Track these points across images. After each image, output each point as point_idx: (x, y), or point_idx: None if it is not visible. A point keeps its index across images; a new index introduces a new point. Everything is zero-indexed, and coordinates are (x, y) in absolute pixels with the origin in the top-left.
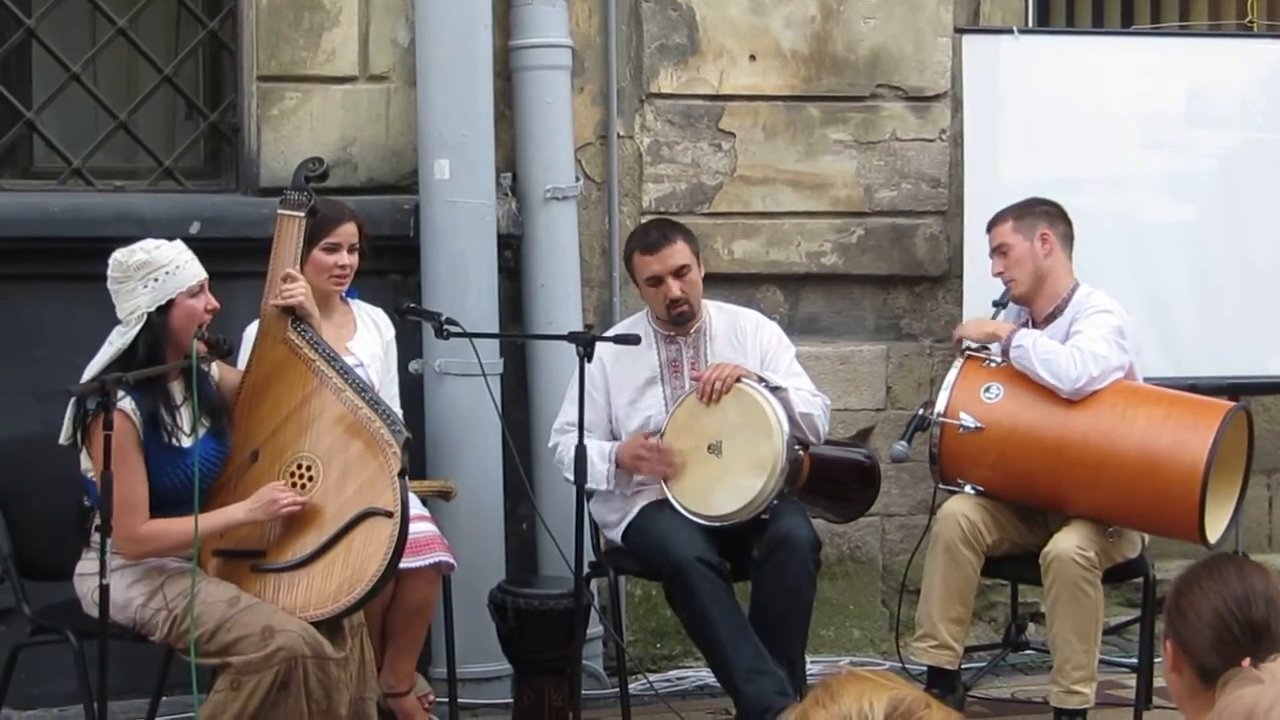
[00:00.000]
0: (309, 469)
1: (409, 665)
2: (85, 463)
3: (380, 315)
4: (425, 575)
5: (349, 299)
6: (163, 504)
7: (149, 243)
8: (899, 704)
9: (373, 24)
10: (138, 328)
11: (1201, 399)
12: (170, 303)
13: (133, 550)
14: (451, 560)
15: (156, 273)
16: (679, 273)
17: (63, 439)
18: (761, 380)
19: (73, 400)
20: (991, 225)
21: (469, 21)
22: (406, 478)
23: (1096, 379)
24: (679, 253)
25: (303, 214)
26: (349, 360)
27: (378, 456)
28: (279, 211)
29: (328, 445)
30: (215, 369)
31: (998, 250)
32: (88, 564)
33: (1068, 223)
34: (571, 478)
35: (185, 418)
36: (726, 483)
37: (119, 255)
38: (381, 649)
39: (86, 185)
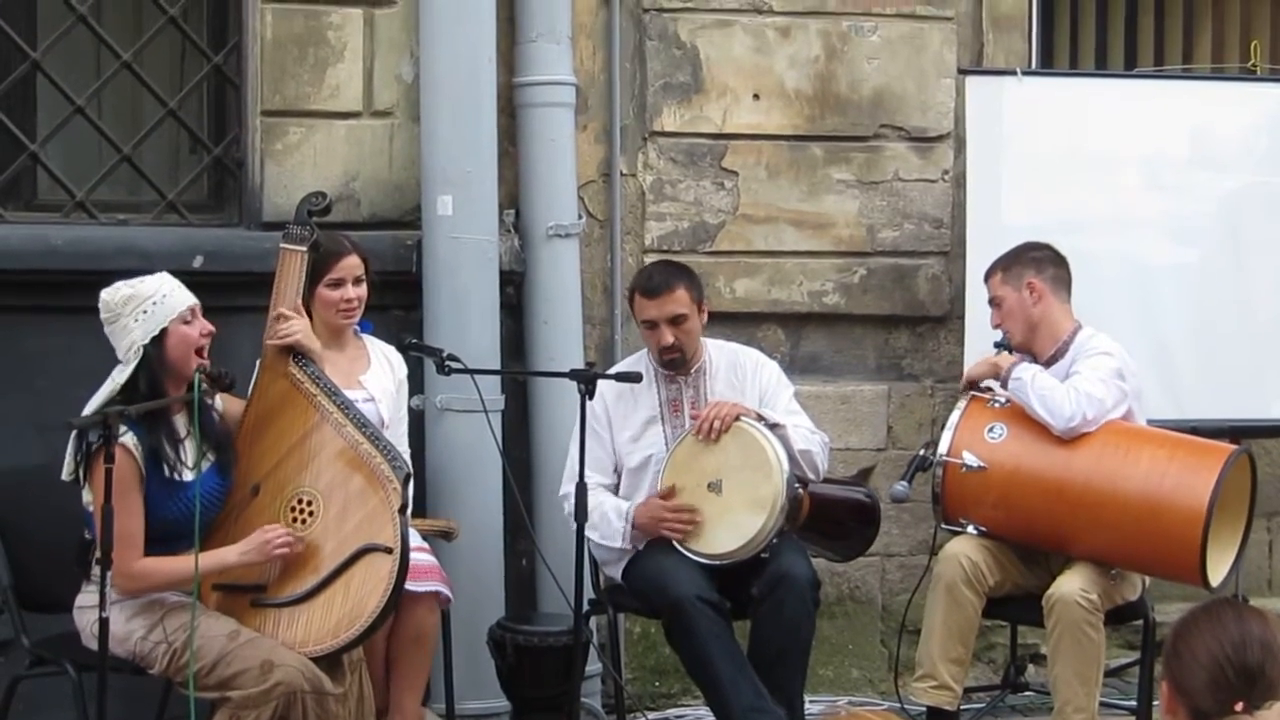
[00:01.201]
0: (309, 504)
1: (413, 702)
2: (86, 496)
3: (393, 353)
4: (424, 602)
5: (362, 334)
6: (163, 537)
7: (133, 279)
8: None
9: (377, 60)
10: (135, 362)
11: (1204, 442)
12: (164, 332)
13: (125, 586)
14: (448, 593)
15: (145, 304)
16: (674, 320)
17: (65, 474)
18: (760, 419)
19: (74, 434)
20: (986, 277)
21: (473, 58)
22: (407, 513)
23: (1090, 421)
24: (677, 300)
25: (305, 248)
26: (362, 394)
27: (378, 492)
28: (281, 245)
29: (328, 480)
30: (219, 401)
31: (992, 302)
32: (87, 597)
33: (1058, 265)
34: (586, 531)
35: (189, 451)
36: (726, 521)
37: (105, 295)
38: (386, 683)
39: (90, 218)
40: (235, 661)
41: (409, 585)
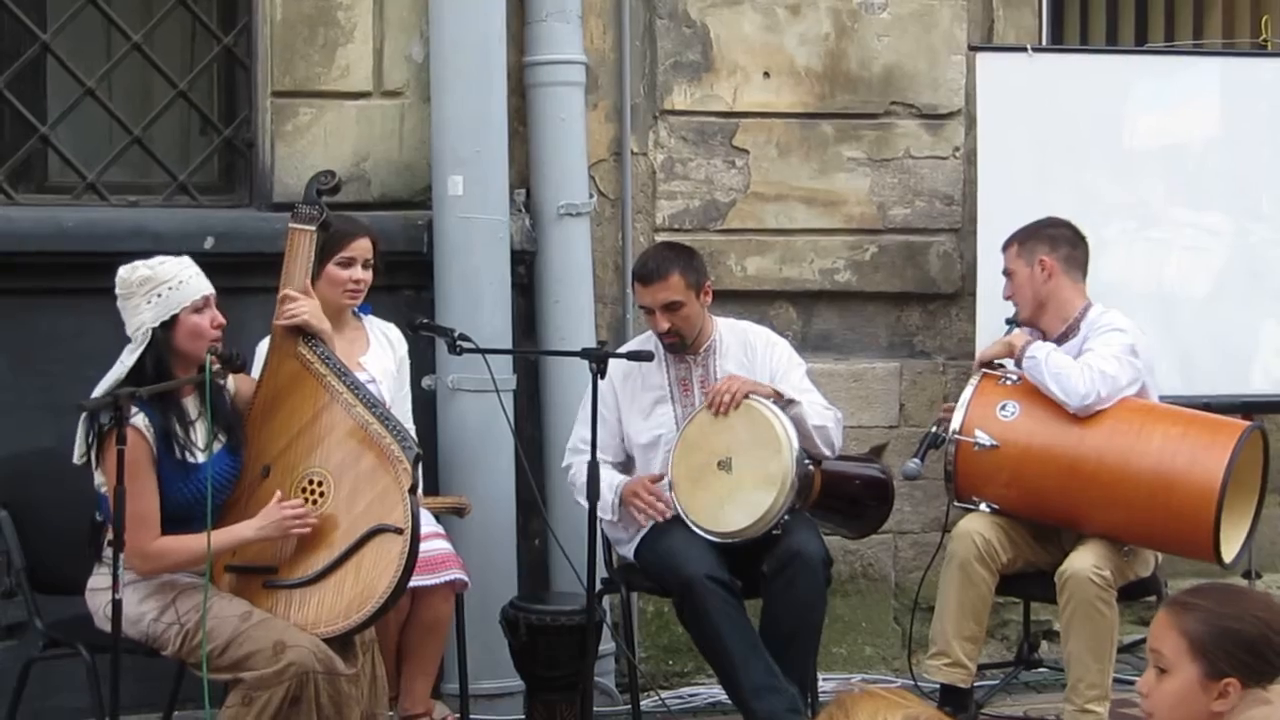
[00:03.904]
0: (320, 485)
1: (425, 688)
2: (98, 478)
3: (393, 331)
4: (440, 593)
5: (362, 315)
6: (175, 519)
7: (154, 259)
8: (914, 719)
9: (387, 40)
10: (143, 344)
11: (1218, 418)
12: (174, 319)
13: (144, 566)
14: (466, 578)
15: (159, 288)
16: (669, 307)
17: (76, 457)
18: (777, 395)
19: (84, 416)
20: (1004, 247)
21: (483, 38)
22: (418, 493)
23: (1105, 399)
24: (670, 288)
25: (314, 228)
26: (362, 376)
27: (389, 472)
28: (290, 225)
29: (339, 461)
30: (231, 382)
31: (1006, 273)
32: (99, 579)
33: (1074, 244)
34: (583, 501)
35: (199, 433)
36: (737, 499)
37: (123, 271)
38: (398, 672)
39: (101, 200)
40: (247, 643)
41: (425, 579)
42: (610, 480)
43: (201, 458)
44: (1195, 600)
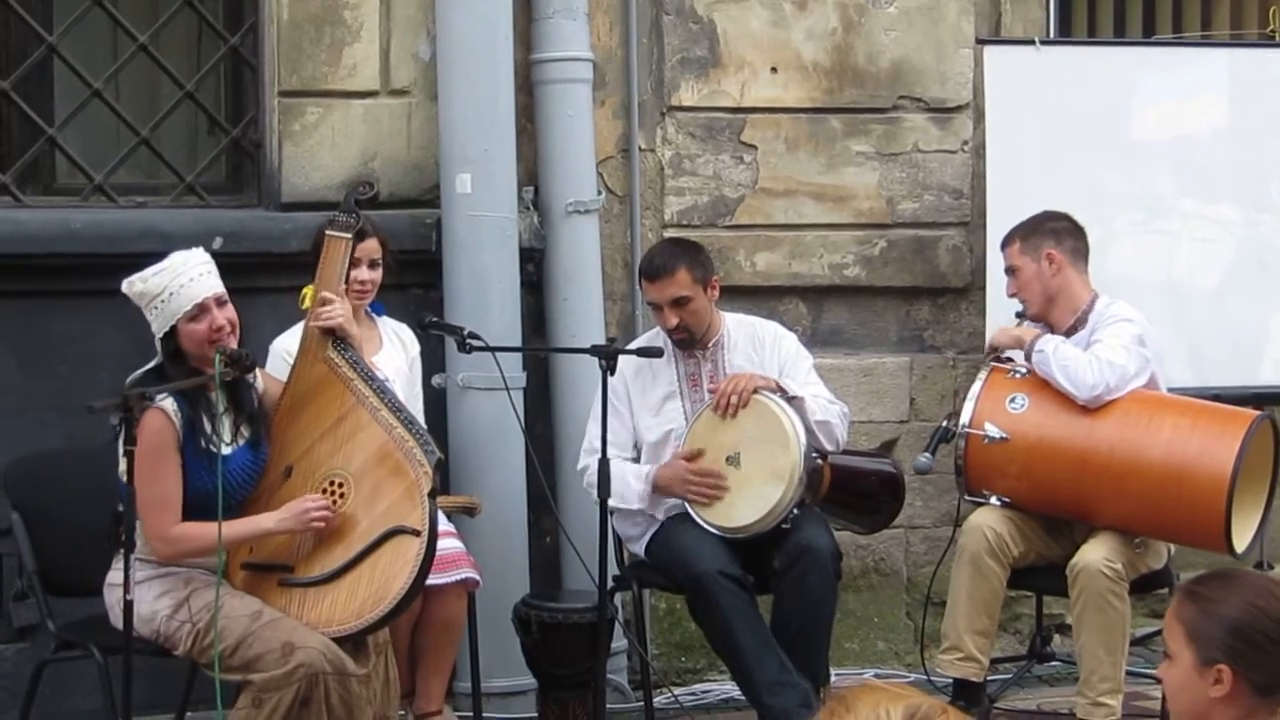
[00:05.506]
0: (341, 486)
1: (439, 687)
2: (122, 465)
3: (406, 331)
4: (453, 591)
5: (375, 315)
6: (195, 509)
7: (149, 270)
8: (916, 710)
9: (394, 38)
10: (161, 352)
11: (1227, 408)
12: (174, 329)
13: (164, 550)
14: (477, 577)
15: (155, 301)
16: (676, 303)
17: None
18: (779, 389)
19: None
20: (1003, 246)
21: (490, 35)
22: (436, 498)
23: (1114, 389)
24: (677, 283)
25: (350, 235)
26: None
27: (409, 475)
28: (327, 233)
29: (360, 463)
30: (260, 380)
31: (1009, 271)
32: (118, 574)
33: (1077, 236)
34: (610, 500)
35: (225, 426)
36: (745, 494)
37: (124, 289)
38: (412, 672)
39: (109, 201)
40: (256, 644)
41: (438, 578)
42: (637, 471)
43: (225, 450)
44: (1198, 587)
